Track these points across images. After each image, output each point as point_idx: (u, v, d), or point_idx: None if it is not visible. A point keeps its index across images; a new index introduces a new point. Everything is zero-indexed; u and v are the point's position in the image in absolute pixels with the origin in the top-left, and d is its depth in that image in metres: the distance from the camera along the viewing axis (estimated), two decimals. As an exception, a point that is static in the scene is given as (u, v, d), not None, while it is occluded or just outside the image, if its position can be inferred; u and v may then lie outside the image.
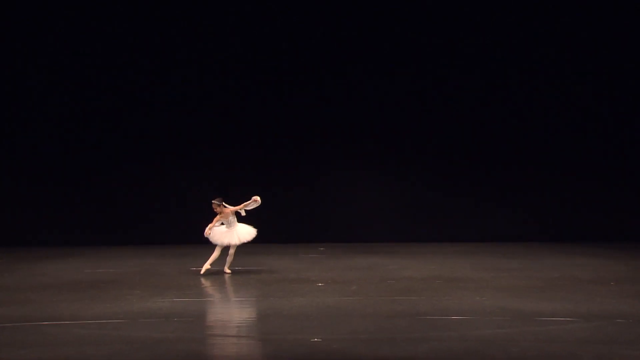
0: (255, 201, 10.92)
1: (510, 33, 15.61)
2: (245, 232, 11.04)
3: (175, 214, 15.92)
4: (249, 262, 13.05)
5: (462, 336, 7.56)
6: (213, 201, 10.88)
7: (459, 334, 7.64)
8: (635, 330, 7.54)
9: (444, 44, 15.75)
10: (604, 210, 15.76)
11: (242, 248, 15.49)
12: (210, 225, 10.93)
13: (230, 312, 8.75)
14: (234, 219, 10.92)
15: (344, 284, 10.62)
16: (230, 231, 10.87)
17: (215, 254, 11.11)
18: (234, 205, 10.92)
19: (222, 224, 11.00)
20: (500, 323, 7.98)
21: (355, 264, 12.80)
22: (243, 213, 11.02)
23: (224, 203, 10.99)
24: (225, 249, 11.20)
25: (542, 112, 15.67)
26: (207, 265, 11.12)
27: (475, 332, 7.68)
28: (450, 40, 15.71)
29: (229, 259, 11.26)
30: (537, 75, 15.55)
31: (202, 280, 10.90)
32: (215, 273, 11.48)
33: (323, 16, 15.70)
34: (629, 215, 15.65)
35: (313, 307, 8.85)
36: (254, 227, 15.81)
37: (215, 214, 10.89)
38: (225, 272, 11.24)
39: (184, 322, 8.01)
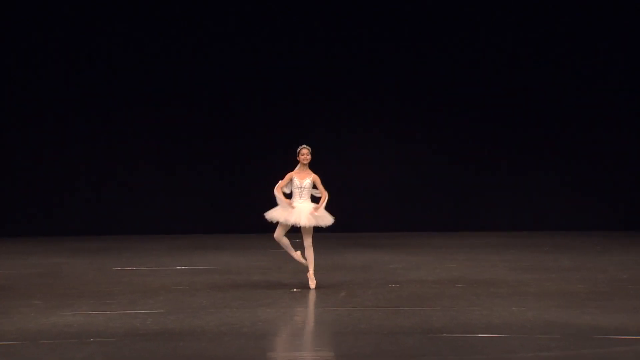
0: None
1: None
2: (323, 214, 10.43)
3: (89, 199, 16.16)
4: (197, 260, 13.04)
5: (493, 361, 7.57)
6: (305, 146, 10.56)
7: (488, 358, 7.63)
8: None
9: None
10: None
11: (187, 241, 15.68)
12: (280, 184, 10.44)
13: (169, 330, 8.69)
14: (303, 192, 10.48)
15: (329, 289, 10.61)
16: (297, 208, 10.41)
17: (284, 240, 10.56)
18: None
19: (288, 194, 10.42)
20: (546, 343, 7.99)
21: (344, 261, 12.81)
22: (319, 194, 10.50)
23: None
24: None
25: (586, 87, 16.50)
26: (300, 259, 10.69)
27: (511, 356, 7.68)
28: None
29: (309, 255, 10.60)
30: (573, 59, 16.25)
31: (125, 283, 10.85)
32: (176, 274, 11.43)
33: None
34: None
35: (285, 322, 8.81)
36: (201, 214, 16.18)
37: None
38: (310, 283, 10.57)
39: (103, 344, 7.95)
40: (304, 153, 10.57)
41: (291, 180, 10.53)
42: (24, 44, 16.67)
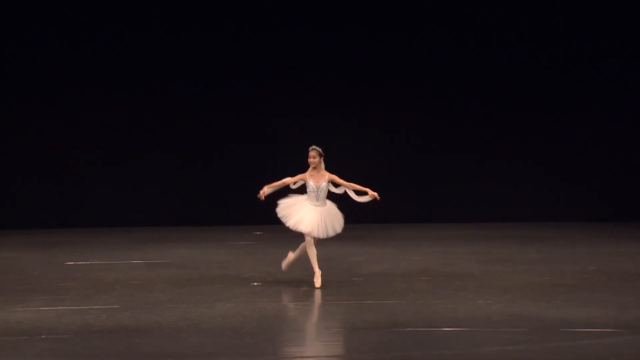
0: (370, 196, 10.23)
1: None
2: (337, 221, 10.14)
3: (40, 191, 16.02)
4: (153, 253, 12.99)
5: (459, 356, 7.64)
6: (315, 147, 10.24)
7: (454, 353, 7.71)
8: (700, 344, 7.73)
9: None
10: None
11: (143, 234, 15.60)
12: (287, 180, 10.15)
13: (124, 327, 8.66)
14: (321, 194, 10.18)
15: (291, 283, 10.64)
16: (313, 210, 10.07)
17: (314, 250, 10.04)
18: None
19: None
20: (512, 337, 8.08)
21: (306, 254, 12.82)
22: (353, 195, 10.27)
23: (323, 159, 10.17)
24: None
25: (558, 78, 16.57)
26: (316, 269, 10.14)
27: (477, 350, 7.76)
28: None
29: (294, 256, 10.35)
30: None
31: (78, 278, 10.80)
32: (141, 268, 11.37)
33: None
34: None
35: (246, 317, 8.83)
36: (157, 206, 16.03)
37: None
38: (285, 265, 10.36)
39: (56, 341, 7.91)
40: (310, 155, 10.35)
41: (305, 181, 10.28)
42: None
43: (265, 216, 16.30)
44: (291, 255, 10.50)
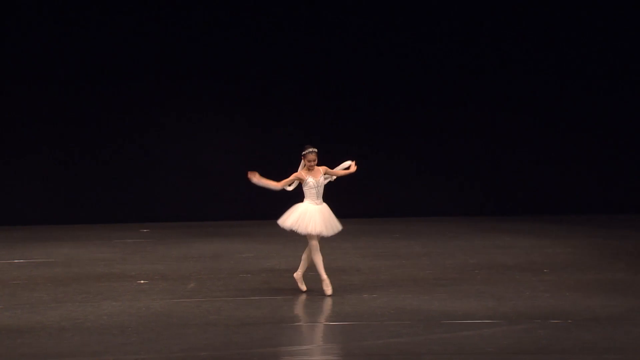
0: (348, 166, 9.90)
1: None
2: (334, 220, 9.77)
3: None
4: (36, 252, 12.76)
5: (345, 349, 7.77)
6: (312, 149, 9.84)
7: (341, 346, 7.84)
8: (574, 334, 8.07)
9: None
10: (539, 177, 16.70)
11: (25, 232, 15.26)
12: (285, 181, 9.83)
13: (6, 327, 8.51)
14: (321, 190, 9.86)
15: (177, 280, 10.63)
16: (318, 211, 9.70)
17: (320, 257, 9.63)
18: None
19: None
20: (396, 330, 8.27)
21: (194, 251, 12.82)
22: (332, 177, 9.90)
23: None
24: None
25: (462, 81, 16.76)
26: (300, 273, 9.82)
27: (362, 344, 7.92)
28: None
29: (301, 272, 9.86)
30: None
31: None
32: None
33: None
34: (572, 183, 16.69)
35: (131, 315, 8.79)
36: (39, 204, 15.72)
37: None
38: (298, 283, 9.85)
39: None
40: (311, 159, 9.90)
41: (302, 181, 9.93)
42: None
43: (151, 214, 16.32)
44: (299, 274, 9.90)
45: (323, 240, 9.81)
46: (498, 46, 16.70)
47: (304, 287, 9.82)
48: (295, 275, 9.91)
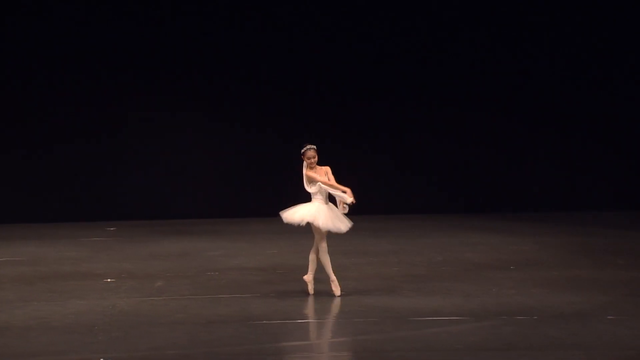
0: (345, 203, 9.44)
1: None
2: (342, 217, 9.50)
3: None
4: (1, 251, 12.66)
5: (312, 346, 7.78)
6: (311, 146, 9.45)
7: (305, 344, 7.85)
8: (540, 330, 8.14)
9: None
10: (507, 174, 16.82)
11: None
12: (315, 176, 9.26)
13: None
14: (324, 193, 9.50)
15: (145, 279, 10.59)
16: (325, 207, 9.42)
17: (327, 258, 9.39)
18: None
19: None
20: (364, 327, 8.30)
21: (161, 250, 12.78)
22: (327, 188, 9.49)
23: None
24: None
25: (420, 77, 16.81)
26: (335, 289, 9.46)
27: (329, 341, 7.93)
28: None
29: (311, 273, 9.61)
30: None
31: None
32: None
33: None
34: (539, 181, 16.82)
35: (98, 314, 8.75)
36: (4, 201, 15.50)
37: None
38: (309, 286, 9.58)
39: None
40: (310, 156, 9.52)
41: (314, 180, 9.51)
42: None
43: (118, 212, 16.23)
44: (309, 277, 9.66)
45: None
46: (466, 45, 16.78)
47: (312, 291, 9.55)
48: (305, 278, 9.64)
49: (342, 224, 9.57)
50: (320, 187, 9.56)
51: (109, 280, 10.53)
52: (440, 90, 16.73)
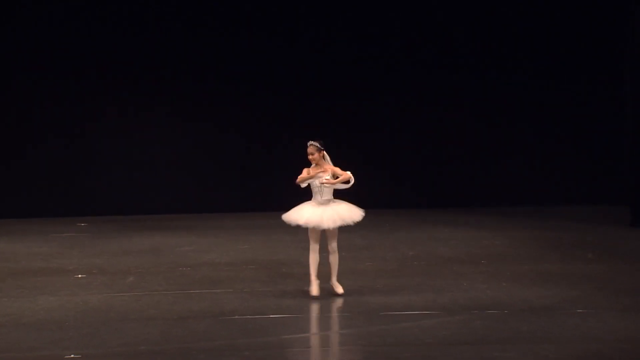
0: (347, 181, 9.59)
1: None
2: (349, 210, 9.58)
3: None
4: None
5: (284, 342, 7.81)
6: (312, 142, 9.45)
7: (278, 339, 7.88)
8: (511, 324, 8.21)
9: None
10: (477, 169, 16.92)
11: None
12: (312, 174, 9.35)
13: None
14: (323, 189, 9.51)
15: (116, 274, 10.56)
16: (315, 207, 9.42)
17: (316, 257, 9.36)
18: None
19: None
20: (336, 322, 8.33)
21: (132, 245, 12.75)
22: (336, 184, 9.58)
23: (324, 152, 9.48)
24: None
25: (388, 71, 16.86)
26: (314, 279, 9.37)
27: (301, 336, 7.95)
28: None
29: (333, 261, 9.47)
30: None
31: None
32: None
33: None
34: (509, 175, 16.93)
35: (69, 310, 8.72)
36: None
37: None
38: (336, 290, 9.41)
39: None
40: (308, 152, 9.54)
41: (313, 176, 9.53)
42: None
43: (88, 207, 16.16)
44: (333, 280, 9.54)
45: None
46: (427, 41, 16.82)
47: (341, 290, 9.40)
48: (331, 283, 9.50)
49: (324, 222, 9.41)
50: (317, 186, 9.55)
51: (79, 276, 10.49)
52: (408, 86, 16.78)
